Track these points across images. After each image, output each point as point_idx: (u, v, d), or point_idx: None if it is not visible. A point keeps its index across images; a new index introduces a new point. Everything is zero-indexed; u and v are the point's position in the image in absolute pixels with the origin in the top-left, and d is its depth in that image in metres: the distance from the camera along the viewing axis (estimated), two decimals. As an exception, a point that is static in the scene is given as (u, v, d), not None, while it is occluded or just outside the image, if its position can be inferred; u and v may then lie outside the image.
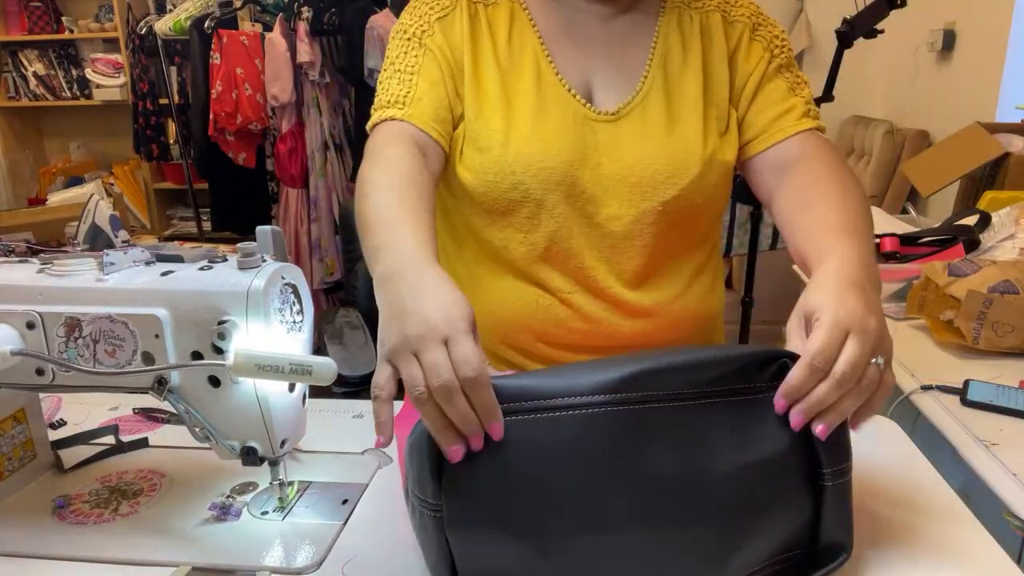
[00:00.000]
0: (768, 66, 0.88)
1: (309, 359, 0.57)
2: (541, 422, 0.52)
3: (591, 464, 0.52)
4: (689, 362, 0.54)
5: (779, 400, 0.55)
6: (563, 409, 0.52)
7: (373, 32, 2.71)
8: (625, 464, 0.52)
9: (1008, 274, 1.08)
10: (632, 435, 0.52)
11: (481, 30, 0.89)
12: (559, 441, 0.52)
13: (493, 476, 0.52)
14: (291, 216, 2.94)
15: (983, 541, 0.62)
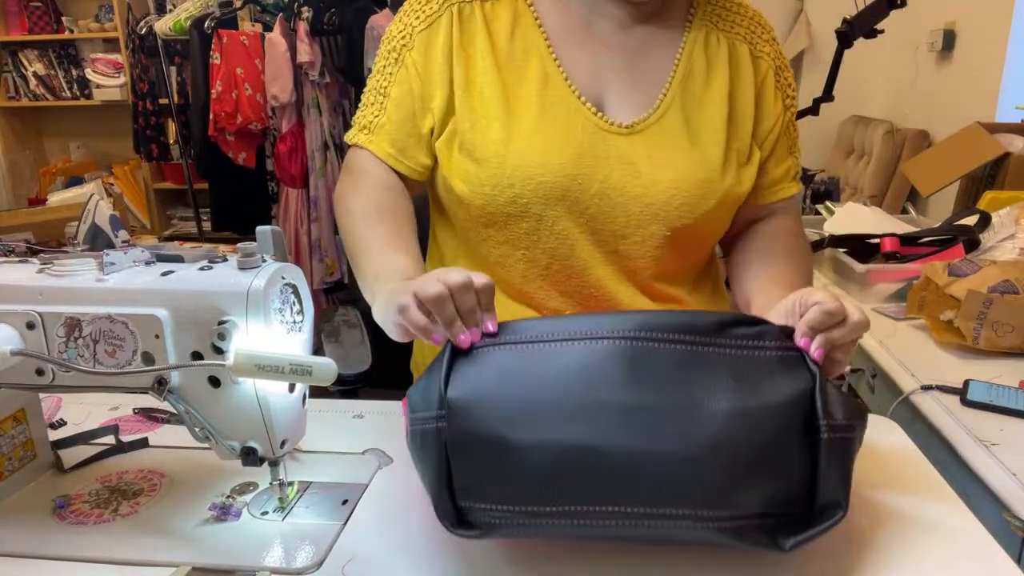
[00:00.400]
0: (781, 119, 0.88)
1: (309, 359, 0.57)
2: (545, 351, 0.57)
3: (590, 388, 0.55)
4: (694, 319, 0.58)
5: (802, 338, 0.60)
6: (566, 341, 0.57)
7: (373, 32, 2.71)
8: (625, 391, 0.55)
9: (1008, 274, 1.08)
10: (633, 367, 0.55)
11: (475, 31, 0.84)
12: (560, 367, 0.56)
13: (496, 392, 0.56)
14: (291, 216, 2.94)
15: (983, 541, 0.62)
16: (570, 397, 0.55)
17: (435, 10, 0.85)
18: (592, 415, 0.54)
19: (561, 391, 0.55)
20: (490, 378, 0.57)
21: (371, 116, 0.88)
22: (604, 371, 0.55)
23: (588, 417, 0.54)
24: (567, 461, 0.54)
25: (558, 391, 0.56)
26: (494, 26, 0.85)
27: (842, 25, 2.09)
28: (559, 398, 0.55)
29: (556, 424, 0.55)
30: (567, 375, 0.56)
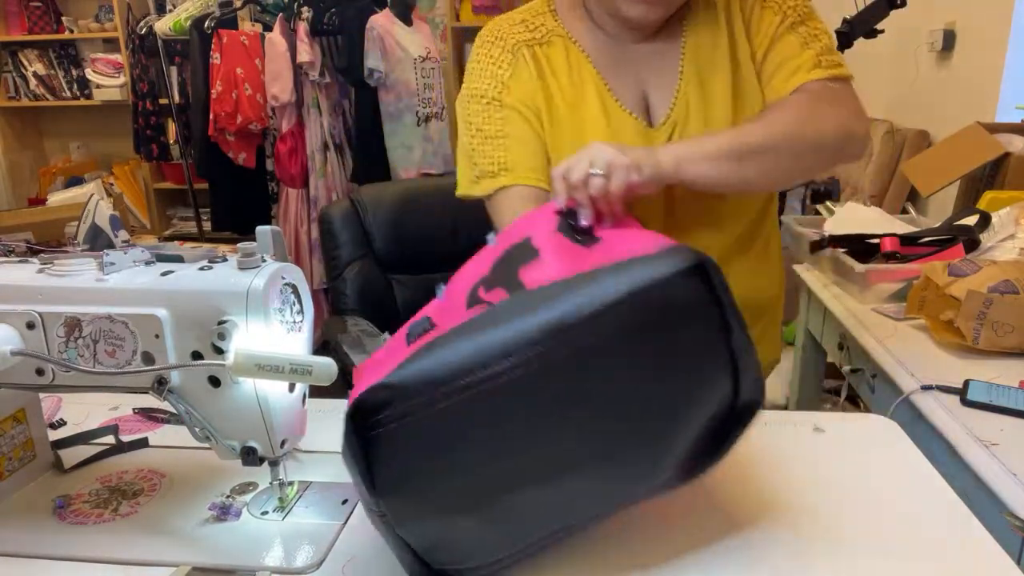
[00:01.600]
0: (779, 27, 0.89)
1: (309, 359, 0.57)
2: (457, 404, 0.52)
3: (511, 428, 0.54)
4: (595, 309, 0.53)
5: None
6: (475, 386, 0.52)
7: (373, 32, 2.71)
8: (545, 418, 0.54)
9: (1008, 274, 1.08)
10: (548, 391, 0.53)
11: (545, 71, 0.94)
12: (475, 416, 0.53)
13: (421, 466, 0.54)
14: (291, 216, 2.95)
15: (983, 541, 0.62)
16: (494, 449, 0.54)
17: (509, 59, 0.94)
18: (522, 458, 0.54)
19: (484, 450, 0.54)
20: (412, 464, 0.54)
21: (496, 160, 0.92)
22: (516, 414, 0.53)
23: (523, 472, 0.54)
24: (521, 511, 0.56)
25: (484, 459, 0.54)
26: (555, 67, 0.93)
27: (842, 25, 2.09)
28: (485, 456, 0.54)
29: (496, 489, 0.55)
30: (484, 429, 0.53)
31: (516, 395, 0.53)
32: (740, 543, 0.62)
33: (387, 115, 2.83)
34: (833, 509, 0.67)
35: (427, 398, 0.52)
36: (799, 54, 0.89)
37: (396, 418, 0.52)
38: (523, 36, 0.95)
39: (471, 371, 0.52)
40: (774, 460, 0.75)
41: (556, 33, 0.95)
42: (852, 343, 1.28)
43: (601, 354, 0.53)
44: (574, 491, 0.57)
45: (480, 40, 0.98)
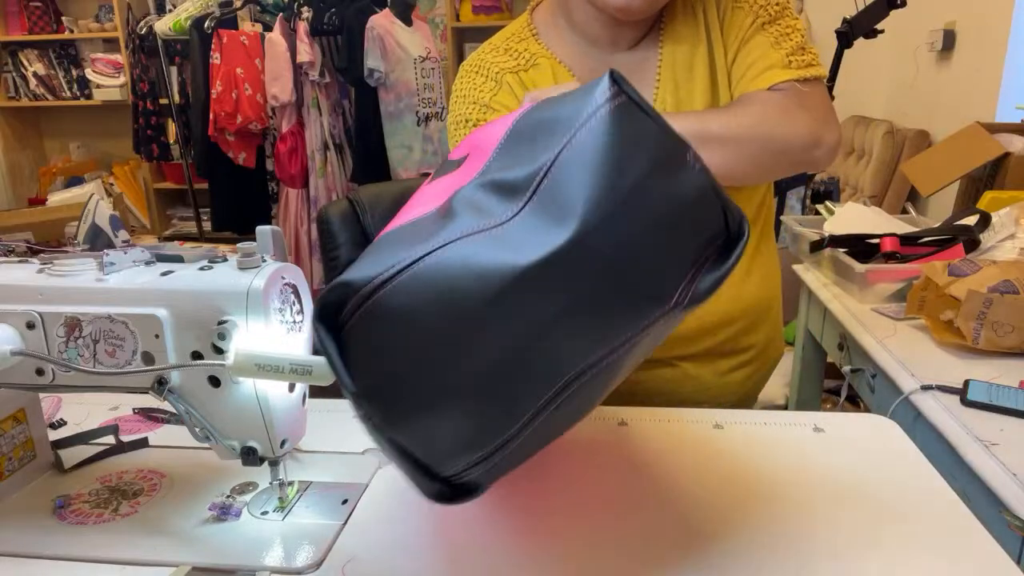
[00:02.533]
0: (749, 28, 0.89)
1: (309, 359, 0.57)
2: (400, 285, 0.49)
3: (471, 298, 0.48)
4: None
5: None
6: (416, 263, 0.49)
7: (373, 32, 2.71)
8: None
9: (1008, 274, 1.08)
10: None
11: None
12: (427, 291, 0.49)
13: (391, 355, 0.50)
14: (291, 216, 2.95)
15: (983, 541, 0.62)
16: (467, 330, 0.48)
17: (493, 85, 0.94)
18: (502, 335, 0.48)
19: (450, 328, 0.48)
20: (383, 355, 0.50)
21: None
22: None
23: (501, 337, 0.49)
24: (507, 374, 0.50)
25: (448, 332, 0.48)
26: (541, 87, 0.93)
27: (842, 25, 2.09)
28: (459, 340, 0.49)
29: (475, 360, 0.49)
30: (445, 310, 0.49)
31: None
32: (740, 543, 0.62)
33: (387, 115, 2.83)
34: (833, 509, 0.67)
35: (370, 287, 0.49)
36: (768, 54, 0.86)
37: (353, 311, 0.50)
38: (507, 64, 0.96)
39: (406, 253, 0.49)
40: (774, 460, 0.75)
41: (541, 55, 0.95)
42: (852, 343, 1.28)
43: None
44: (566, 336, 0.50)
45: (462, 71, 0.99)
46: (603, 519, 0.66)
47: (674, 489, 0.70)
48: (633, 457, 0.76)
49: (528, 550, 0.62)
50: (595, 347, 0.51)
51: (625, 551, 0.62)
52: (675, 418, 0.84)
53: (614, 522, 0.66)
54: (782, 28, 0.88)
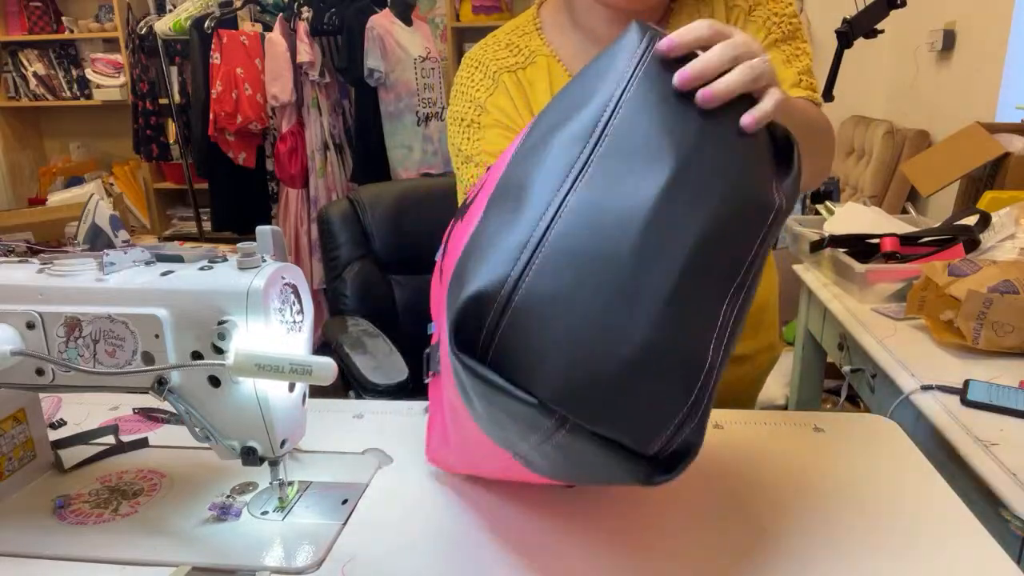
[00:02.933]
0: (763, 43, 0.89)
1: (309, 359, 0.57)
2: (542, 265, 0.47)
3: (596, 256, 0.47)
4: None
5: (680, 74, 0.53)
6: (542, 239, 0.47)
7: (373, 32, 2.71)
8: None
9: (1008, 274, 1.08)
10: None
11: (528, 96, 0.94)
12: (569, 261, 0.47)
13: (559, 345, 0.46)
14: (291, 216, 2.95)
15: (983, 541, 0.62)
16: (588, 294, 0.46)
17: (490, 83, 0.95)
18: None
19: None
20: (554, 339, 0.46)
21: (476, 179, 0.94)
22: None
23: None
24: (685, 299, 0.48)
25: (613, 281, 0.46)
26: (536, 87, 0.94)
27: (842, 25, 2.09)
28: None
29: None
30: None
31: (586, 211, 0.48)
32: (739, 542, 0.62)
33: (387, 115, 2.83)
34: (833, 509, 0.67)
35: (507, 288, 0.46)
36: (780, 70, 0.89)
37: (496, 322, 0.46)
38: (506, 62, 0.96)
39: (526, 239, 0.47)
40: (774, 460, 0.75)
41: (540, 52, 0.96)
42: (852, 343, 1.28)
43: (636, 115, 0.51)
44: (716, 246, 0.49)
45: (464, 63, 1.00)
46: (602, 518, 0.66)
47: (674, 489, 0.70)
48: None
49: (528, 549, 0.62)
50: (740, 255, 0.51)
51: (625, 551, 0.62)
52: (675, 418, 0.84)
53: (613, 521, 0.66)
54: (793, 48, 0.90)
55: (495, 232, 0.49)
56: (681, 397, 0.48)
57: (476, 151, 0.95)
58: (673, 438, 0.48)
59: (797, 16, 0.92)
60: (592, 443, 0.47)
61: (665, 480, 0.49)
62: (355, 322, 1.37)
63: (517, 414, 0.47)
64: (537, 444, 0.49)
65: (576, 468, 0.51)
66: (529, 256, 0.46)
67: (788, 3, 0.92)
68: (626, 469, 0.48)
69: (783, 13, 0.91)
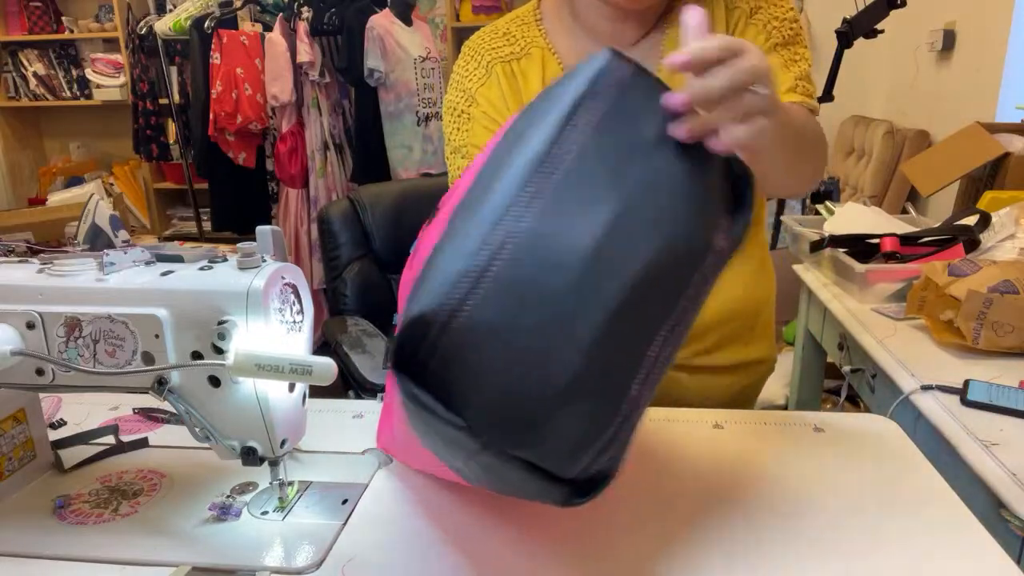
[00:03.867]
0: (761, 47, 0.89)
1: (309, 359, 0.57)
2: (484, 293, 0.48)
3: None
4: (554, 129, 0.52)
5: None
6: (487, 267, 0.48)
7: (373, 32, 2.71)
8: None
9: (1008, 274, 1.08)
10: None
11: (519, 87, 0.95)
12: (509, 292, 0.48)
13: (493, 372, 0.48)
14: (291, 216, 2.95)
15: (983, 541, 0.62)
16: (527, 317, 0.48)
17: (483, 73, 0.96)
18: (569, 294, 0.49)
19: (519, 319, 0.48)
20: (477, 373, 0.48)
21: (460, 169, 0.95)
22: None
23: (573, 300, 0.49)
24: (616, 335, 0.49)
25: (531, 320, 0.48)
26: (530, 80, 0.94)
27: (842, 25, 2.09)
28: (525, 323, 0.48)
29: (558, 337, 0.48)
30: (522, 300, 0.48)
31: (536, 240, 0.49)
32: (739, 542, 0.62)
33: (387, 115, 2.83)
34: (833, 509, 0.67)
35: (446, 312, 0.47)
36: (778, 74, 0.88)
37: (434, 344, 0.48)
38: (501, 51, 0.96)
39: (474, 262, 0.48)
40: (774, 460, 0.75)
41: (535, 44, 0.96)
42: (852, 343, 1.28)
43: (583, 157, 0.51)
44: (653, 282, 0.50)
45: (463, 51, 1.01)
46: (602, 518, 0.66)
47: (674, 489, 0.70)
48: (633, 457, 0.76)
49: (527, 549, 0.62)
50: (673, 299, 0.53)
51: (625, 551, 0.62)
52: (675, 418, 0.84)
53: (614, 522, 0.66)
54: (792, 53, 0.90)
55: (448, 252, 0.50)
56: (602, 429, 0.50)
57: (463, 142, 0.96)
58: (591, 465, 0.51)
59: (798, 20, 0.92)
60: (513, 465, 0.49)
61: (580, 503, 0.51)
62: (355, 322, 1.37)
63: (443, 434, 0.49)
64: (464, 460, 0.51)
65: (500, 483, 0.54)
66: (471, 285, 0.48)
67: (789, 7, 0.92)
68: (545, 490, 0.51)
69: (784, 17, 0.91)
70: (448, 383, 0.48)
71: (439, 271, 0.49)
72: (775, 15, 0.91)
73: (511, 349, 0.47)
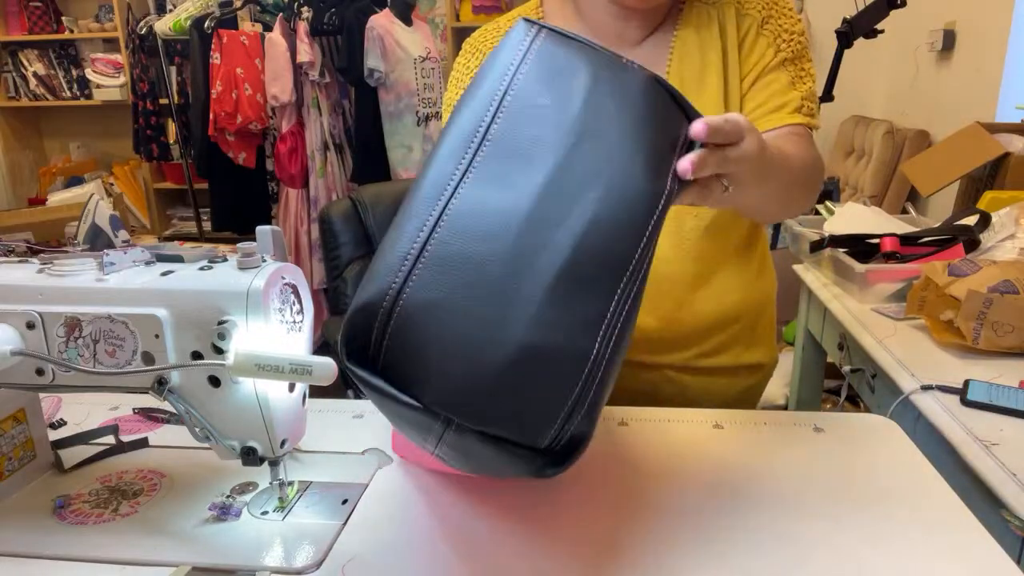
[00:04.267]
0: (772, 60, 0.89)
1: (309, 359, 0.57)
2: (420, 274, 0.49)
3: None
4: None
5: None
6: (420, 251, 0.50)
7: (373, 32, 2.71)
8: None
9: (1008, 274, 1.08)
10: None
11: None
12: (448, 269, 0.49)
13: (442, 350, 0.49)
14: (291, 216, 2.95)
15: (983, 541, 0.62)
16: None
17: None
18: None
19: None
20: (430, 359, 0.48)
21: None
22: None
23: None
24: (568, 293, 0.50)
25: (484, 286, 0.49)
26: None
27: (842, 25, 2.09)
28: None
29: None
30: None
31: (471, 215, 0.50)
32: (739, 542, 0.62)
33: (387, 115, 2.83)
34: (833, 509, 0.67)
35: (389, 299, 0.48)
36: (786, 92, 0.89)
37: (383, 331, 0.49)
38: None
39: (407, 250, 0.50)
40: (774, 460, 0.75)
41: None
42: (852, 343, 1.28)
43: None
44: (601, 237, 0.51)
45: (463, 48, 1.00)
46: (602, 518, 0.66)
47: (674, 489, 0.70)
48: (633, 457, 0.76)
49: (527, 549, 0.62)
50: (627, 250, 0.52)
51: (625, 551, 0.62)
52: (675, 418, 0.84)
53: (614, 521, 0.66)
54: (798, 70, 0.90)
55: (390, 238, 0.51)
56: (566, 391, 0.49)
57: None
58: (562, 431, 0.50)
59: (805, 34, 0.92)
60: (480, 441, 0.49)
61: (556, 472, 0.51)
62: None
63: (407, 418, 0.49)
64: (436, 444, 0.51)
65: (474, 463, 0.54)
66: (410, 267, 0.48)
67: (797, 20, 0.92)
68: (517, 463, 0.50)
69: (793, 31, 0.91)
70: (401, 366, 0.49)
71: (382, 259, 0.50)
72: (785, 27, 0.91)
73: (454, 324, 0.48)
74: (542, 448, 0.50)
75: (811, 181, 0.86)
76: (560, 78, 0.55)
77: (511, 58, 0.56)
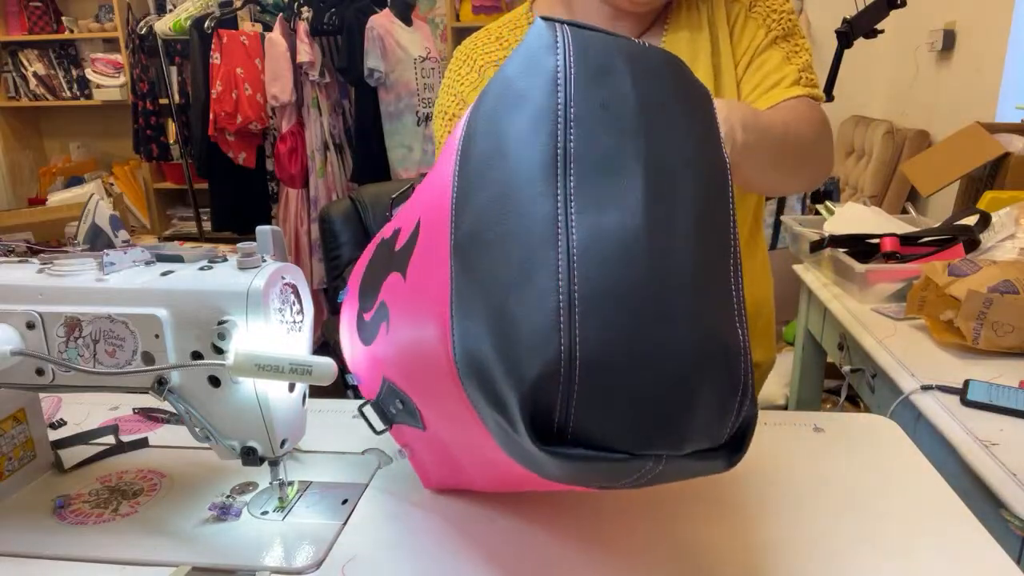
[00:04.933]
0: (763, 40, 0.90)
1: (309, 359, 0.57)
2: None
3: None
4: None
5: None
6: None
7: (373, 32, 2.71)
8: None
9: (1008, 274, 1.08)
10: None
11: None
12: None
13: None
14: (291, 216, 2.95)
15: (983, 541, 0.62)
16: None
17: (475, 77, 0.96)
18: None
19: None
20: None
21: None
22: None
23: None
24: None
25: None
26: None
27: (842, 25, 2.09)
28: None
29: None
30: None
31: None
32: (738, 542, 0.62)
33: (387, 115, 2.83)
34: (833, 509, 0.67)
35: (565, 353, 0.44)
36: (781, 68, 0.89)
37: (568, 393, 0.45)
38: (494, 56, 0.96)
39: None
40: (774, 460, 0.75)
41: None
42: (852, 343, 1.28)
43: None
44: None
45: (455, 56, 1.00)
46: (602, 518, 0.66)
47: (673, 489, 0.70)
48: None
49: (527, 549, 0.62)
50: (725, 224, 0.51)
51: (624, 551, 0.62)
52: (675, 418, 0.84)
53: (613, 521, 0.66)
54: (792, 45, 0.90)
55: (510, 303, 0.46)
56: (736, 381, 0.48)
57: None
58: (736, 422, 0.49)
59: (794, 12, 0.93)
60: (681, 462, 0.47)
61: (740, 458, 0.50)
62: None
63: (607, 470, 0.46)
64: (633, 480, 0.48)
65: (656, 481, 0.50)
66: (568, 319, 0.44)
67: (785, 0, 0.93)
68: (710, 466, 0.49)
69: (781, 10, 0.92)
70: (594, 424, 0.45)
71: (515, 324, 0.46)
72: (772, 7, 0.91)
73: (633, 358, 0.45)
74: (723, 443, 0.49)
75: (818, 146, 0.86)
76: (605, 75, 0.51)
77: (553, 64, 0.50)
